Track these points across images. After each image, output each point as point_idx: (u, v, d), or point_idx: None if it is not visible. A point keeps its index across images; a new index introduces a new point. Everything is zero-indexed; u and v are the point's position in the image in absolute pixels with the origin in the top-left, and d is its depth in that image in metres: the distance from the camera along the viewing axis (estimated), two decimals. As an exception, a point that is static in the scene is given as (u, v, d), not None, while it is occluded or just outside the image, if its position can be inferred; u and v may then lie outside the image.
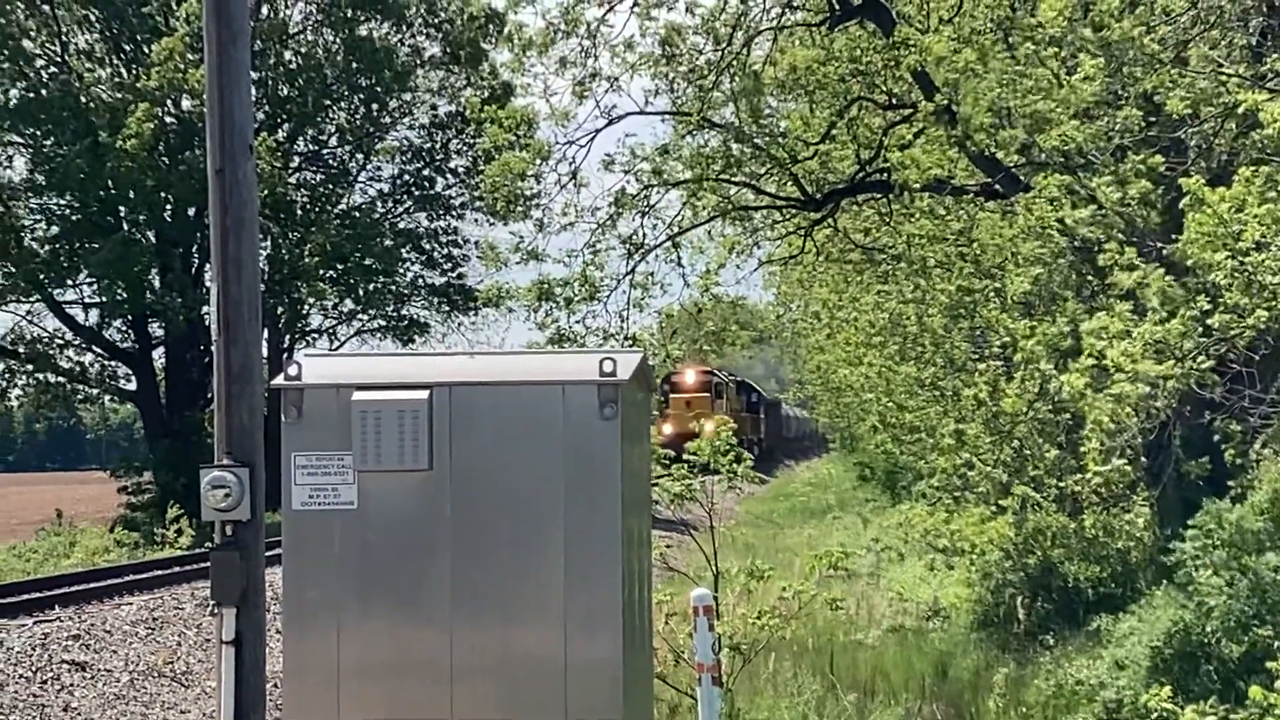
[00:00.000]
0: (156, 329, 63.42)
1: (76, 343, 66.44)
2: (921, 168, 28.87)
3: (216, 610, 13.56)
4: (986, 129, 25.30)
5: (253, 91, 15.13)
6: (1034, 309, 26.36)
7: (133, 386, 65.85)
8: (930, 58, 26.25)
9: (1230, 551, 20.67)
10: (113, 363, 66.55)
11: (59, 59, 61.56)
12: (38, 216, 63.37)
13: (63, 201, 62.00)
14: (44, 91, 61.11)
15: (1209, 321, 18.67)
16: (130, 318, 64.11)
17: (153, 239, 61.61)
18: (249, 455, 13.26)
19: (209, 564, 14.88)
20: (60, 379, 67.82)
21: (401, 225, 68.02)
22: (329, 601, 15.50)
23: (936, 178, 28.97)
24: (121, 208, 60.73)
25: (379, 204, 67.67)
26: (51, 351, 66.91)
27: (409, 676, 15.44)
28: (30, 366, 65.91)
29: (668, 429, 51.67)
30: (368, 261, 66.31)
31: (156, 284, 61.94)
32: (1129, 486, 23.94)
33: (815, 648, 23.83)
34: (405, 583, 15.57)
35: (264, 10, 59.00)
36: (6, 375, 66.92)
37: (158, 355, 63.81)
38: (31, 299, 64.37)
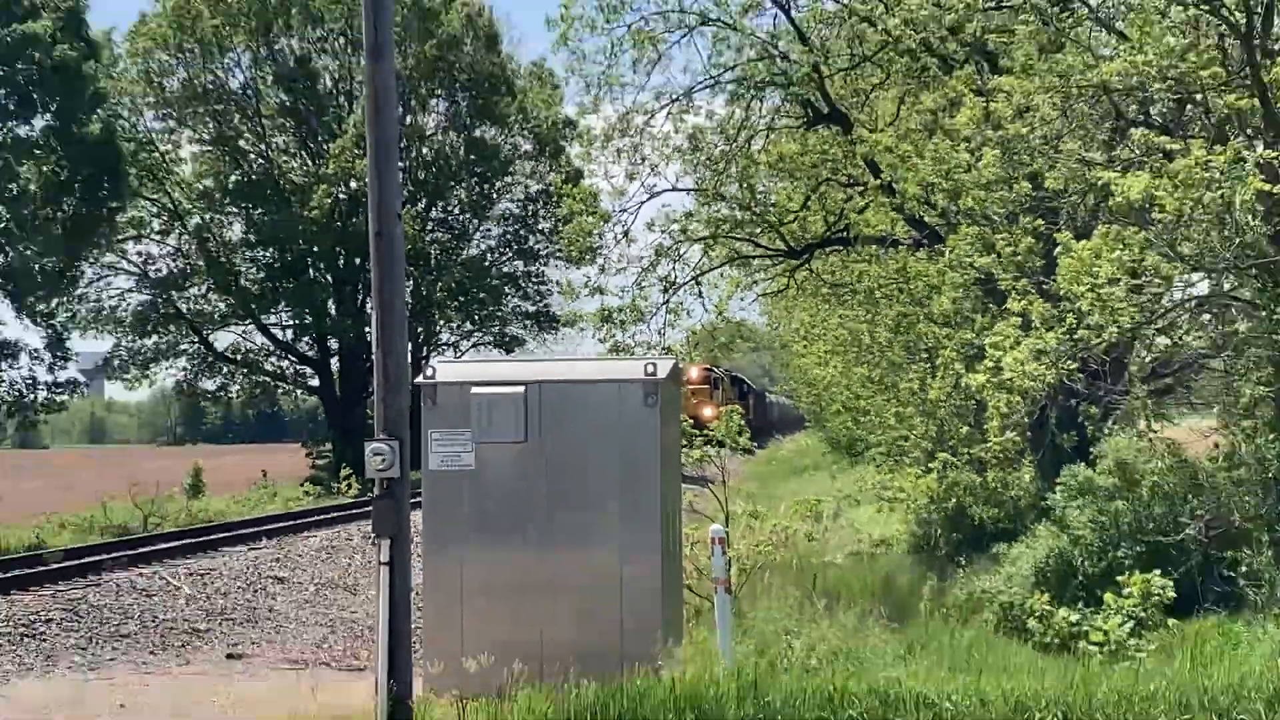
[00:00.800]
0: (332, 343, 62.92)
1: (276, 353, 66.04)
2: (871, 227, 28.81)
3: (376, 541, 14.29)
4: (916, 199, 25.25)
5: (399, 176, 15.19)
6: (951, 325, 26.16)
7: (316, 384, 65.61)
8: (878, 149, 26.28)
9: (1089, 499, 20.56)
10: (302, 367, 66.35)
11: (265, 154, 60.85)
12: (250, 264, 62.87)
13: (267, 253, 62.19)
14: (253, 176, 60.26)
15: (1075, 335, 18.48)
16: (314, 335, 63.95)
17: (329, 279, 61.31)
18: (399, 432, 13.98)
19: (371, 509, 15.30)
20: (265, 378, 67.46)
21: (505, 270, 67.49)
22: (454, 536, 16.82)
23: (881, 234, 28.90)
24: (308, 258, 60.38)
25: (489, 255, 67.34)
26: (260, 359, 66.60)
27: (510, 592, 16.51)
28: (245, 370, 65.48)
29: None
30: (481, 296, 66.59)
31: (333, 311, 61.51)
32: (1018, 453, 24.74)
33: (797, 567, 23.83)
34: (507, 523, 16.56)
35: (408, 119, 58.77)
36: (229, 376, 66.54)
37: (334, 362, 63.40)
38: (245, 322, 64.23)
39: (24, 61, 41.38)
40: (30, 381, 45.31)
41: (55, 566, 30.95)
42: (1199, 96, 19.66)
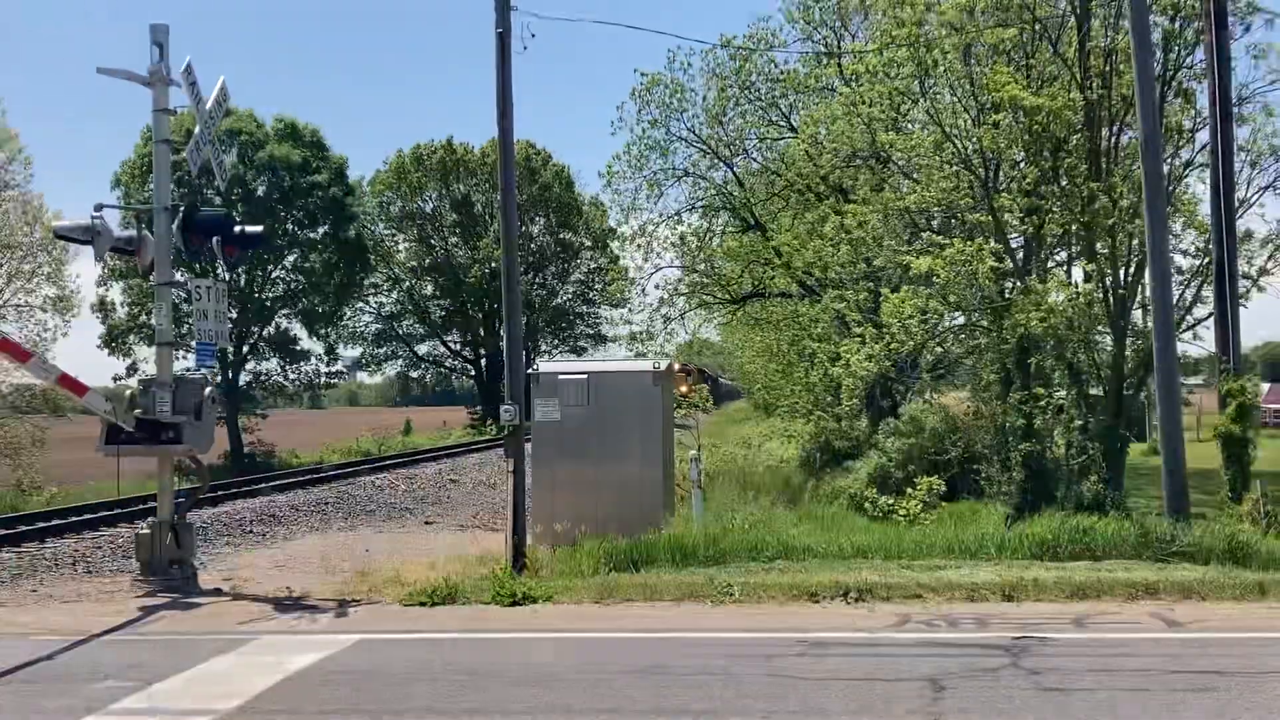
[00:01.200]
0: (482, 351, 62.51)
1: (451, 356, 65.78)
2: (778, 287, 28.71)
3: (506, 458, 13.72)
4: (802, 271, 25.18)
5: (519, 259, 15.07)
6: (822, 341, 26.08)
7: (473, 373, 65.05)
8: (781, 244, 26.08)
9: (897, 437, 20.47)
10: (465, 364, 65.51)
11: (444, 246, 60.89)
12: (436, 307, 62.83)
13: (445, 301, 61.67)
14: (437, 259, 61.85)
15: (890, 346, 18.40)
16: (472, 347, 63.54)
17: (480, 315, 61.00)
18: (518, 399, 14.43)
19: (504, 442, 15.88)
20: (445, 370, 67.02)
21: (576, 311, 67.12)
22: (548, 456, 17.29)
23: (783, 291, 28.74)
24: (468, 304, 60.27)
25: (567, 303, 66.85)
26: (442, 360, 66.17)
27: (578, 486, 16.72)
28: (434, 365, 65.15)
29: None
30: (563, 325, 65.88)
31: (482, 333, 61.09)
32: (858, 411, 24.17)
33: (738, 475, 23.71)
34: (577, 449, 17.03)
35: (523, 228, 58.82)
36: (424, 368, 66.26)
37: (482, 361, 62.89)
38: (434, 339, 63.36)
39: (312, 197, 41.77)
40: (315, 373, 45.60)
41: (330, 473, 31.14)
42: (959, 215, 19.65)
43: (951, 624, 10.15)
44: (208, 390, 13.96)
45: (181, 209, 14.03)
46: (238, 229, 14.45)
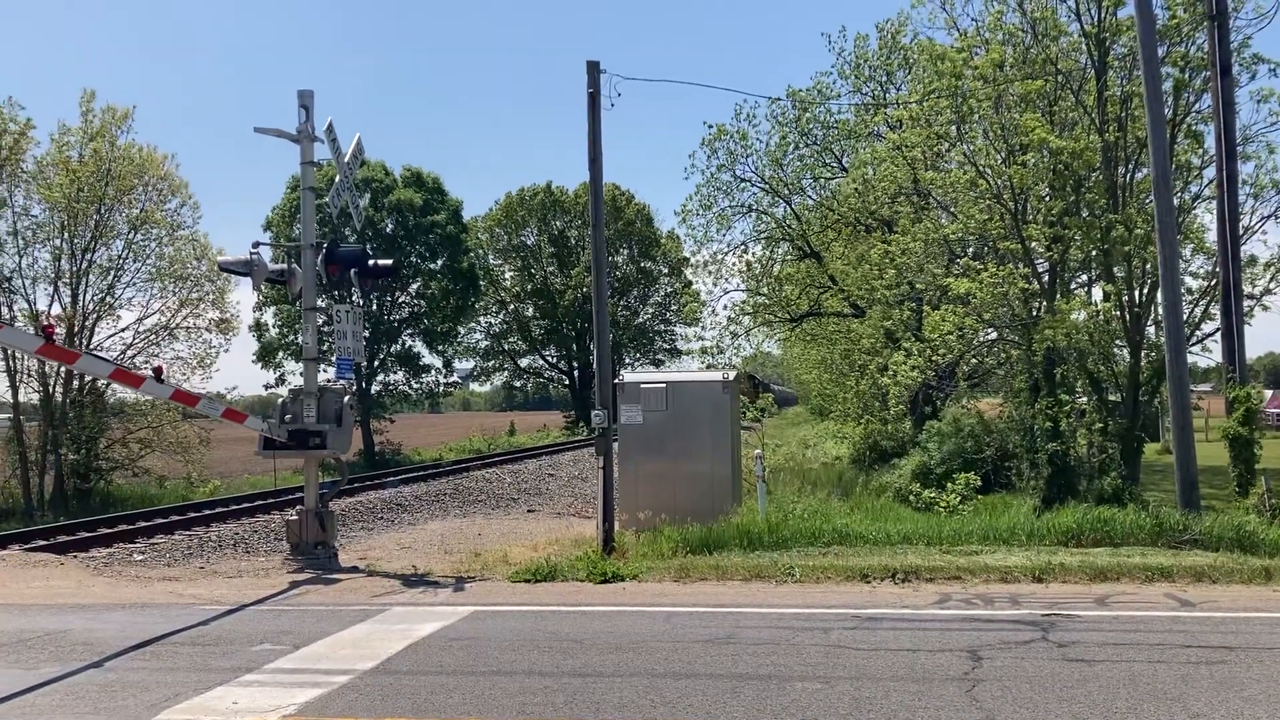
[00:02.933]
0: (575, 363, 62.96)
1: (548, 368, 66.19)
2: (831, 308, 28.52)
3: (596, 455, 13.83)
4: (852, 293, 24.94)
5: (607, 286, 15.08)
6: (871, 354, 25.83)
7: (567, 382, 65.36)
8: (836, 271, 25.93)
9: (938, 437, 20.22)
10: (560, 375, 65.92)
11: (543, 274, 62.14)
12: (536, 326, 63.32)
13: (544, 321, 62.11)
14: (537, 285, 62.10)
15: (931, 358, 18.21)
16: (567, 360, 64.13)
17: (574, 333, 61.50)
18: (607, 405, 14.39)
19: (594, 441, 15.07)
20: (543, 379, 67.50)
21: (656, 329, 67.22)
22: (632, 454, 17.42)
23: (836, 311, 28.58)
24: (563, 323, 60.96)
25: (647, 321, 66.88)
26: (540, 371, 66.68)
27: (658, 480, 16.99)
28: (534, 375, 65.72)
29: None
30: (644, 341, 65.88)
31: (574, 348, 61.51)
32: (902, 415, 23.65)
33: (797, 472, 23.56)
34: (657, 448, 17.19)
35: (611, 259, 59.04)
36: (526, 378, 67.01)
37: (575, 372, 63.32)
38: (532, 353, 63.94)
39: (432, 234, 42.28)
40: (435, 383, 46.26)
41: (446, 468, 31.48)
42: (991, 243, 19.39)
43: (987, 602, 9.97)
44: (346, 398, 14.26)
45: (324, 245, 14.37)
46: (371, 262, 14.77)
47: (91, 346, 26.60)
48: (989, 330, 21.21)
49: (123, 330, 27.26)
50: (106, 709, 6.96)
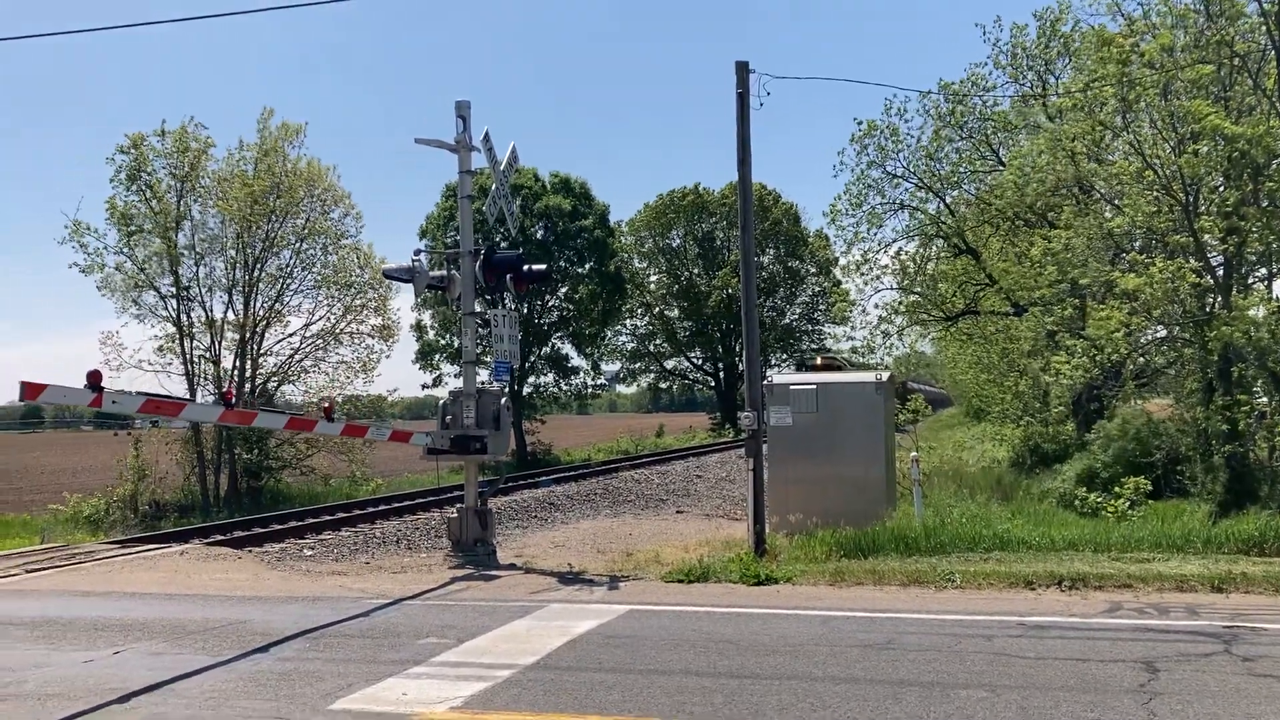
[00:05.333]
0: (720, 364, 62.98)
1: (694, 369, 66.38)
2: (990, 305, 27.75)
3: (746, 457, 13.89)
4: (1011, 288, 24.16)
5: (755, 285, 15.01)
6: (1031, 355, 25.02)
7: (713, 384, 65.34)
8: (994, 268, 25.28)
9: (1106, 439, 19.43)
10: (706, 376, 65.96)
11: (689, 276, 63.04)
12: (681, 329, 63.68)
13: (689, 323, 62.43)
14: (682, 286, 62.75)
15: (1096, 357, 17.57)
16: (713, 361, 64.12)
17: (720, 334, 61.70)
18: (756, 407, 14.28)
19: (743, 444, 15.00)
20: (689, 381, 67.77)
21: (803, 329, 66.56)
22: (781, 456, 17.04)
23: (992, 310, 27.71)
24: (709, 324, 61.32)
25: (793, 321, 66.36)
26: (686, 373, 67.01)
27: (808, 482, 16.60)
28: (680, 378, 66.18)
29: None
30: (791, 341, 65.33)
31: (720, 350, 61.49)
32: (1065, 418, 22.80)
33: (952, 475, 22.97)
34: (807, 450, 16.91)
35: (757, 259, 58.85)
36: (672, 380, 67.55)
37: (721, 373, 63.28)
38: (678, 355, 64.38)
39: (580, 239, 42.90)
40: (583, 384, 47.01)
41: (596, 468, 31.92)
42: (1159, 237, 18.58)
43: (1162, 612, 9.53)
44: (503, 400, 14.66)
45: (482, 252, 14.80)
46: (526, 267, 15.13)
47: (261, 351, 28.09)
48: (1158, 328, 20.30)
49: (290, 335, 28.68)
50: (286, 696, 7.33)
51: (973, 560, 12.37)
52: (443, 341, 42.10)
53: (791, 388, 16.70)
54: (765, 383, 16.83)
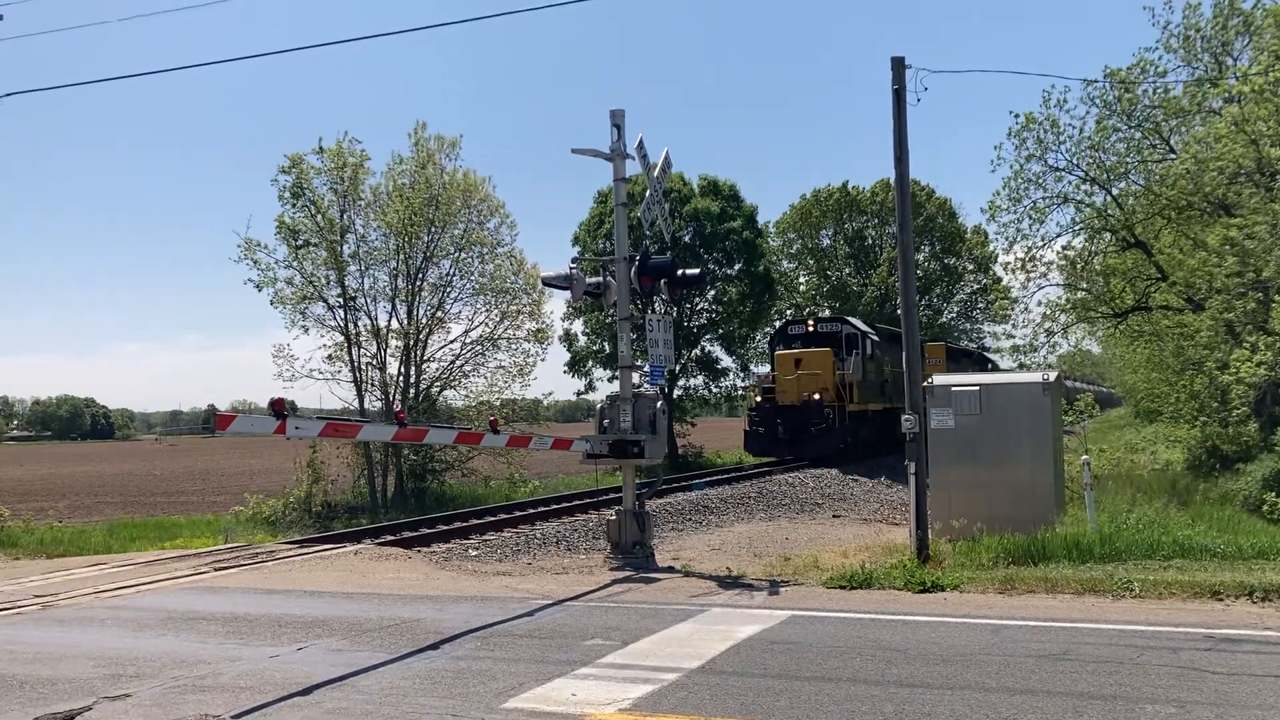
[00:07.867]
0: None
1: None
2: (1162, 301, 26.54)
3: (907, 461, 14.01)
4: (1187, 281, 23.08)
5: (915, 284, 14.71)
6: (1208, 349, 23.86)
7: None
8: (1165, 261, 24.04)
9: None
10: None
11: (840, 276, 62.68)
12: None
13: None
14: (832, 287, 61.62)
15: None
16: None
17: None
18: (917, 409, 14.18)
19: (905, 448, 14.85)
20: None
21: (959, 327, 65.01)
22: (944, 459, 16.73)
23: (1165, 304, 26.48)
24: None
25: (952, 321, 65.40)
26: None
27: (972, 486, 16.32)
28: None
29: None
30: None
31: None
32: (1246, 418, 21.61)
33: (1125, 478, 22.01)
34: (970, 453, 16.49)
35: (914, 258, 57.79)
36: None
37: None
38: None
39: (729, 240, 43.00)
40: (732, 386, 46.96)
41: (749, 470, 31.78)
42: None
43: (1368, 628, 8.94)
44: (659, 404, 14.79)
45: (637, 258, 14.97)
46: (680, 272, 15.23)
47: (424, 357, 29.10)
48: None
49: (451, 342, 29.62)
50: (461, 694, 7.53)
51: (1151, 568, 11.83)
52: (594, 347, 42.74)
53: (953, 389, 16.34)
54: (926, 384, 16.50)
